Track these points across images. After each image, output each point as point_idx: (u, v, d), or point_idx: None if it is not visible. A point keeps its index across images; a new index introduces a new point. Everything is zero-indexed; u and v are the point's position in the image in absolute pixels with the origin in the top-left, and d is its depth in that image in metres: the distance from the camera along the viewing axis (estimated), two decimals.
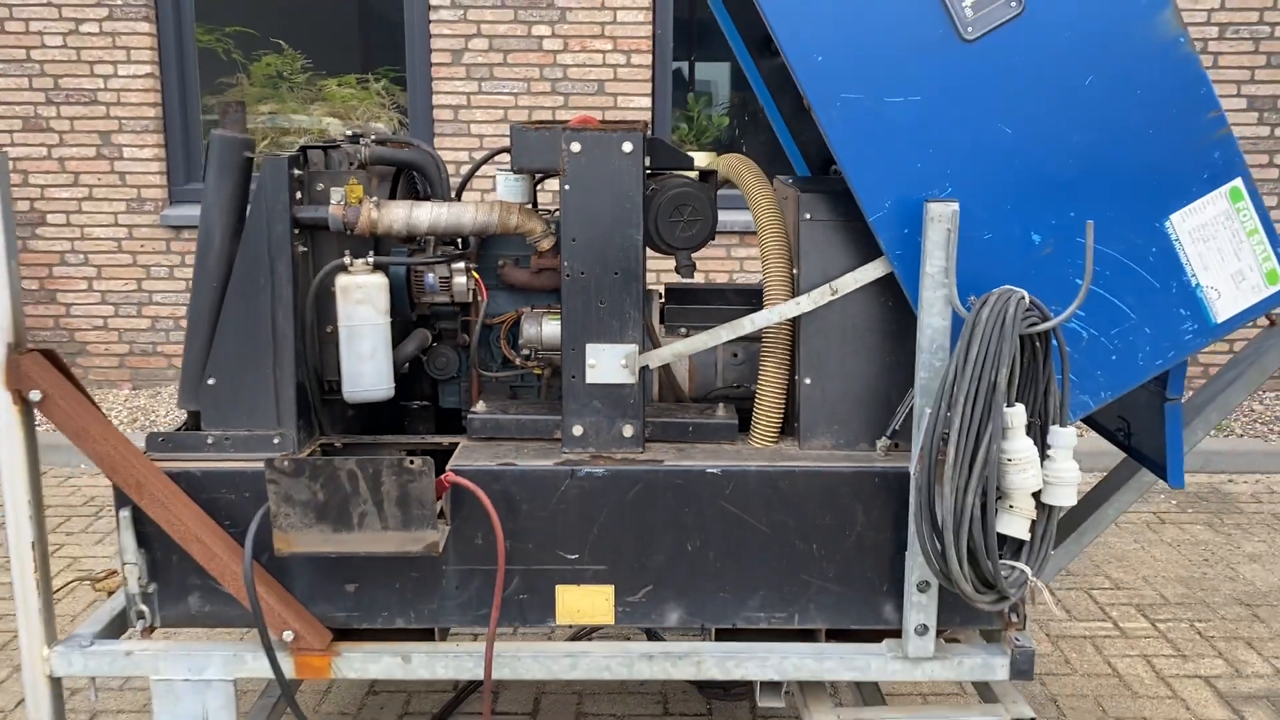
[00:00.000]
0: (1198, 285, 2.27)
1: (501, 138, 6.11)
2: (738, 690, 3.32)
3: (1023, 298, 2.07)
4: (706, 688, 3.33)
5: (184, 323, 6.22)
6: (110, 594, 2.66)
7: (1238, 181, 2.24)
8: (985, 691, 2.49)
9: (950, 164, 2.19)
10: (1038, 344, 2.11)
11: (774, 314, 2.35)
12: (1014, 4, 2.14)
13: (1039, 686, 3.39)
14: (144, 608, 2.36)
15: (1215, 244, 2.26)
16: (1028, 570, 2.14)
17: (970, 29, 2.15)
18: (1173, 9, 2.16)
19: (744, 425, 2.49)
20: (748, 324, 2.37)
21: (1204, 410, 2.67)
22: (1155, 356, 2.29)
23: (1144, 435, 2.60)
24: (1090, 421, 2.88)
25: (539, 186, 2.76)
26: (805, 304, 2.34)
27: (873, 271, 2.31)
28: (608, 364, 2.34)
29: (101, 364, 6.37)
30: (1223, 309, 2.29)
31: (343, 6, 6.93)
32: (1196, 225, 2.25)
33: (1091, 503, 2.78)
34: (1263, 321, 2.66)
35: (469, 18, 6.05)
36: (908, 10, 2.16)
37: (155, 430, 2.41)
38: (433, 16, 6.07)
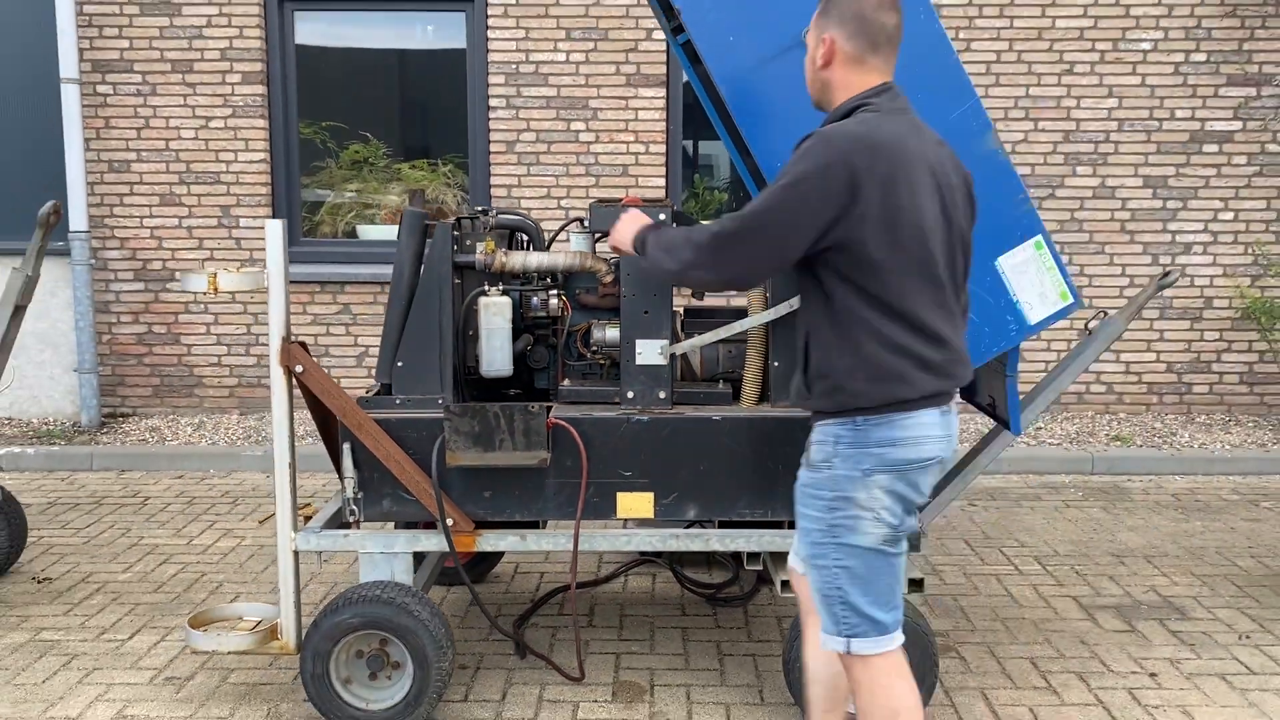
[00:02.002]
0: (1017, 301, 3.61)
1: (545, 211, 7.44)
2: (736, 601, 4.63)
3: None
4: (714, 600, 4.63)
5: None
6: (307, 519, 3.98)
7: (1039, 237, 3.58)
8: None
9: None
10: None
11: (755, 320, 3.67)
12: None
13: (952, 601, 4.68)
14: (355, 508, 3.67)
15: (1027, 276, 3.61)
16: None
17: None
18: (993, 132, 3.54)
19: (736, 395, 3.82)
20: (738, 327, 3.70)
21: (1044, 390, 4.02)
22: (992, 345, 3.61)
23: (1003, 407, 3.94)
24: (973, 401, 4.24)
25: (598, 241, 4.14)
26: (774, 314, 3.68)
27: None
28: (649, 352, 3.67)
29: (215, 394, 7.60)
30: (1034, 316, 3.62)
31: (417, 105, 7.84)
32: (1015, 264, 3.60)
33: (972, 454, 4.12)
34: (1083, 330, 4.05)
35: (520, 116, 7.31)
36: None
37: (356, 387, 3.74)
38: (491, 115, 7.30)
